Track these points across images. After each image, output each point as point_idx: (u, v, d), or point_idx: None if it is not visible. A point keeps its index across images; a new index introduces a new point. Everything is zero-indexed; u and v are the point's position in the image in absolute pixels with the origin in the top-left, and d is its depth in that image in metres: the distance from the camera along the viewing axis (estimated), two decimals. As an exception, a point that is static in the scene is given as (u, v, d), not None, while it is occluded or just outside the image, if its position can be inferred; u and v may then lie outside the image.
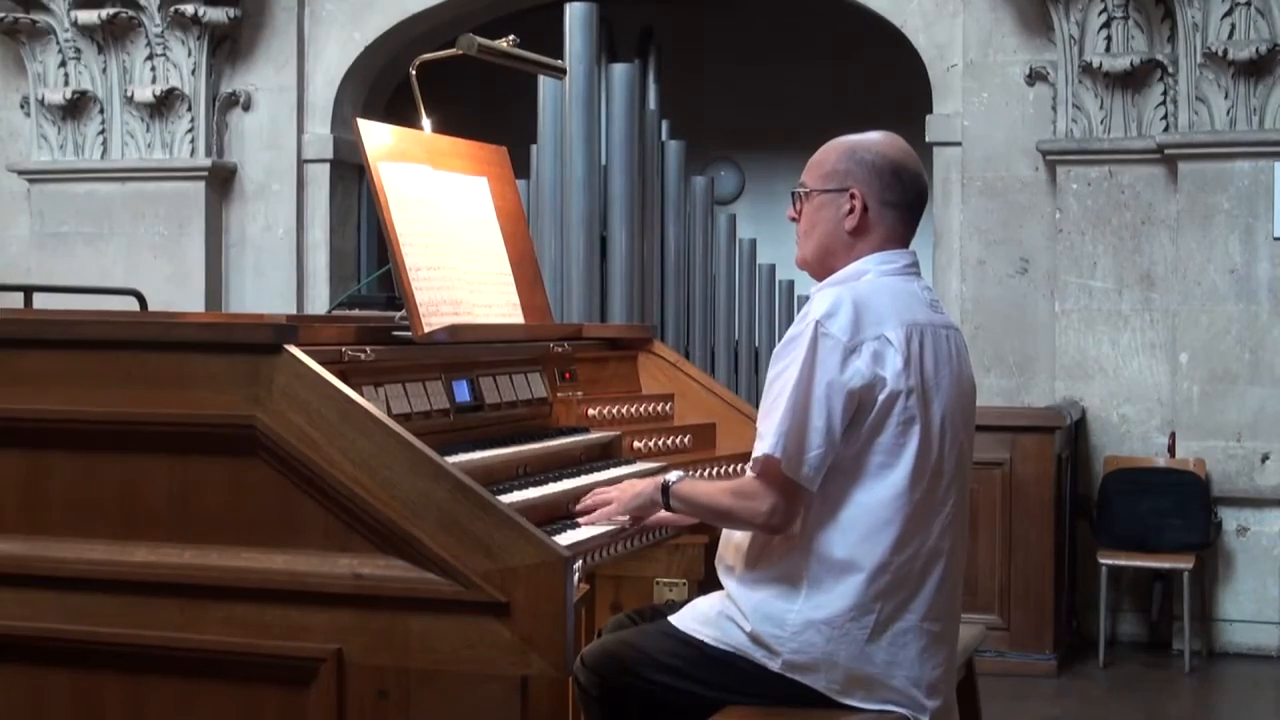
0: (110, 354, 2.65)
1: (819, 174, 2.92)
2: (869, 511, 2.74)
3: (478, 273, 3.42)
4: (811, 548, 2.76)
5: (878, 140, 2.92)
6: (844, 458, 2.74)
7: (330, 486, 2.49)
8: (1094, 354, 7.13)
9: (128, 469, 2.63)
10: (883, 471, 2.75)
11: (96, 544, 2.63)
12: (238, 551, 2.56)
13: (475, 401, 3.24)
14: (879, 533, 2.74)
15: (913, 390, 2.75)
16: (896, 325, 2.77)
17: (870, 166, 2.87)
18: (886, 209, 2.87)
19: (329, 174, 8.32)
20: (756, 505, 2.76)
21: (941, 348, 2.84)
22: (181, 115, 8.22)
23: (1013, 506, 6.41)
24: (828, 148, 2.95)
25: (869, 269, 2.86)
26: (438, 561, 2.43)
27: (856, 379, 2.71)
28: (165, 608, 2.58)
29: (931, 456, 2.78)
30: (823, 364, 2.71)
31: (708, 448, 3.80)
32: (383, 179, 3.17)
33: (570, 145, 7.22)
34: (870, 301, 2.77)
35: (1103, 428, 7.11)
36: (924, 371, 2.78)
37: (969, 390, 2.92)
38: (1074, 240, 7.15)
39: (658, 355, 4.01)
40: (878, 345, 2.74)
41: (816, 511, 2.76)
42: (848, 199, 2.87)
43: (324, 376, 2.53)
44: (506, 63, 3.80)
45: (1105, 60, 7.04)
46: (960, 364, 2.89)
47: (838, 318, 2.73)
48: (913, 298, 2.86)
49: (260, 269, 8.32)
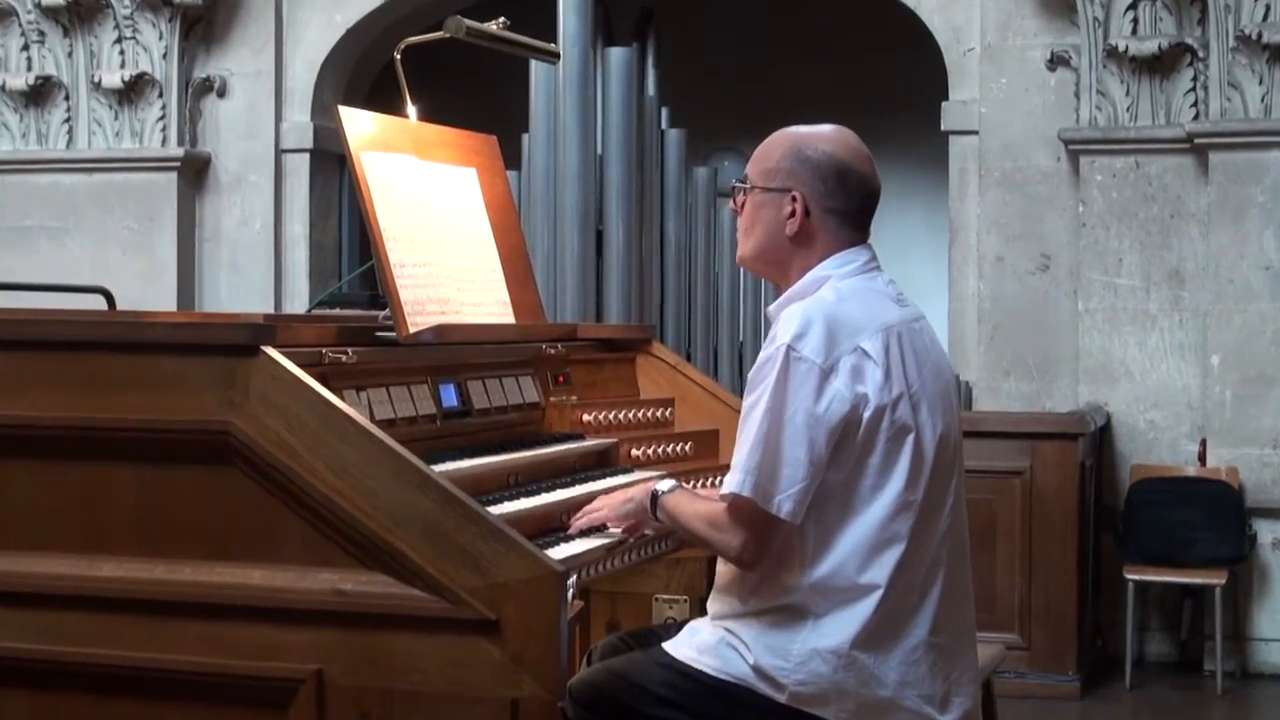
0: (76, 355, 2.65)
1: (761, 169, 2.92)
2: (868, 535, 2.75)
3: (466, 269, 3.42)
4: (811, 584, 2.75)
5: (826, 137, 2.91)
6: (834, 485, 2.74)
7: (310, 497, 2.49)
8: (1119, 356, 7.14)
9: (94, 478, 2.63)
10: (876, 493, 2.75)
11: (60, 558, 2.63)
12: (211, 566, 2.55)
13: (463, 406, 3.24)
14: (881, 553, 2.75)
15: (899, 399, 2.76)
16: (872, 334, 2.77)
17: (814, 168, 2.86)
18: (829, 215, 2.88)
19: (309, 164, 8.32)
20: (727, 539, 2.78)
21: (920, 346, 2.85)
22: (152, 102, 8.22)
23: (1033, 518, 6.41)
24: (773, 141, 2.94)
25: (828, 275, 2.86)
26: (423, 576, 2.43)
27: (837, 406, 2.71)
28: (134, 626, 2.58)
29: (925, 462, 2.79)
30: (797, 391, 2.71)
31: (710, 456, 3.80)
32: (365, 170, 3.17)
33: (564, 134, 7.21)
34: (840, 313, 2.77)
35: (1129, 434, 7.11)
36: (907, 377, 2.79)
37: (950, 380, 2.94)
38: (1098, 235, 7.15)
39: (657, 357, 4.01)
40: (855, 360, 2.74)
41: (813, 541, 2.76)
42: (789, 201, 2.87)
43: (303, 380, 2.53)
44: (496, 46, 3.80)
45: (1131, 44, 7.04)
46: (937, 356, 2.91)
47: (809, 338, 2.73)
48: (880, 297, 2.87)
49: (236, 265, 8.31)
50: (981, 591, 3.03)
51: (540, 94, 7.34)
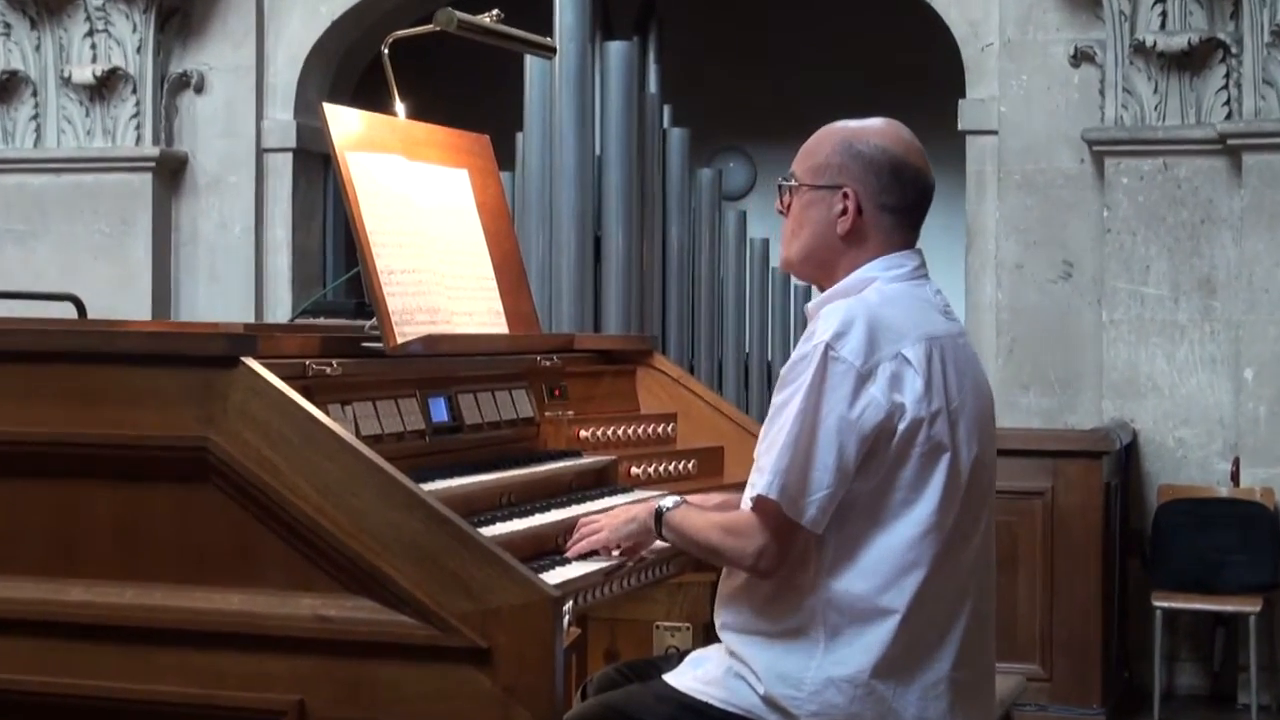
0: (43, 367, 2.64)
1: (809, 166, 2.93)
2: (893, 554, 2.74)
3: (457, 276, 3.43)
4: (828, 596, 2.75)
5: (878, 130, 2.91)
6: (861, 495, 2.73)
7: (291, 517, 2.49)
8: (1147, 369, 7.14)
9: (62, 497, 2.63)
10: (906, 508, 2.74)
11: (25, 582, 2.63)
12: (187, 590, 2.55)
13: (454, 421, 3.24)
14: (904, 576, 2.74)
15: (937, 414, 2.75)
16: (914, 341, 2.77)
17: (867, 162, 2.87)
18: (883, 213, 2.87)
19: (291, 165, 8.32)
20: (744, 545, 2.77)
21: (962, 362, 2.85)
22: (125, 98, 8.22)
23: (1055, 542, 6.40)
24: (821, 136, 2.95)
25: (875, 276, 2.86)
26: (411, 602, 2.43)
27: (872, 413, 2.71)
28: (104, 654, 2.58)
29: (960, 485, 2.78)
30: (832, 393, 2.71)
31: (714, 474, 3.80)
32: (351, 171, 3.18)
33: (560, 133, 7.23)
34: (883, 316, 2.77)
35: (1157, 453, 7.11)
36: (948, 392, 2.78)
37: (988, 402, 2.94)
38: (1124, 241, 7.16)
39: (658, 370, 4.01)
40: (895, 366, 2.74)
41: (832, 555, 2.75)
42: (840, 199, 2.87)
43: (285, 393, 2.53)
44: (489, 40, 3.81)
45: (1160, 39, 7.05)
46: (979, 377, 2.91)
47: (849, 338, 2.72)
48: (926, 306, 2.87)
49: (214, 272, 8.32)
50: (1000, 619, 3.02)
51: (535, 91, 7.35)
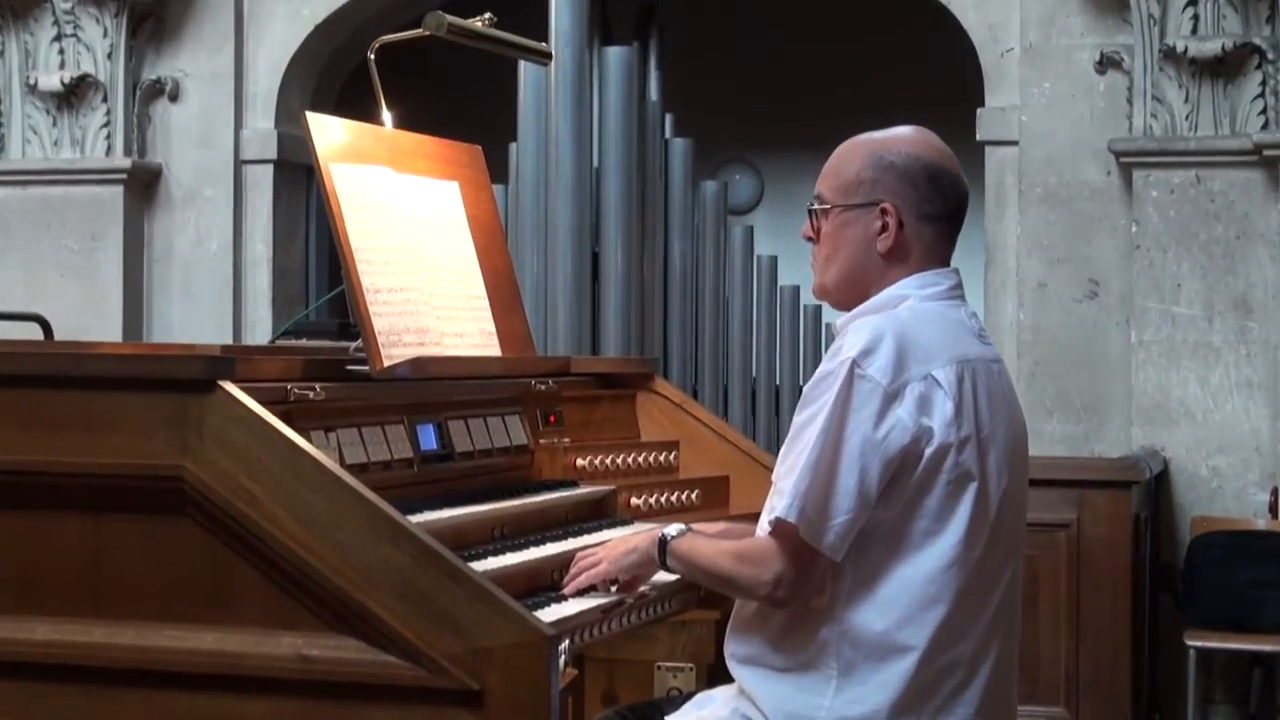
0: (7, 392, 2.65)
1: (838, 185, 2.91)
2: (913, 587, 2.74)
3: (447, 295, 3.43)
4: (844, 630, 2.75)
5: (906, 138, 2.91)
6: (882, 522, 2.73)
7: (271, 551, 2.49)
8: (1178, 394, 7.13)
9: (27, 529, 2.63)
10: (929, 539, 2.74)
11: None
12: (159, 628, 2.55)
13: (443, 449, 3.25)
14: (925, 612, 2.74)
15: (966, 441, 2.75)
16: (945, 363, 2.77)
17: (901, 173, 2.86)
18: (925, 224, 2.87)
19: (272, 177, 8.32)
20: (759, 573, 2.77)
21: (996, 389, 2.84)
22: (95, 107, 8.23)
23: (1080, 577, 6.40)
24: (847, 151, 2.93)
25: (908, 293, 2.86)
26: (398, 641, 2.43)
27: (898, 435, 2.71)
28: (71, 695, 2.57)
29: (988, 519, 2.78)
30: (857, 412, 2.71)
31: (720, 505, 3.81)
32: (336, 183, 3.18)
33: (556, 143, 7.24)
34: (914, 334, 2.77)
35: (1189, 482, 7.10)
36: (979, 418, 2.78)
37: (1022, 434, 2.94)
38: (1154, 258, 7.16)
39: (660, 395, 4.02)
40: (924, 387, 2.74)
41: (849, 586, 2.75)
42: (878, 215, 2.86)
43: (265, 419, 2.53)
44: (481, 45, 3.81)
45: (1192, 44, 7.06)
46: (1013, 406, 2.91)
47: (877, 356, 2.72)
48: (961, 327, 2.87)
49: (189, 290, 8.31)
50: (1023, 659, 3.02)
51: (530, 99, 7.36)
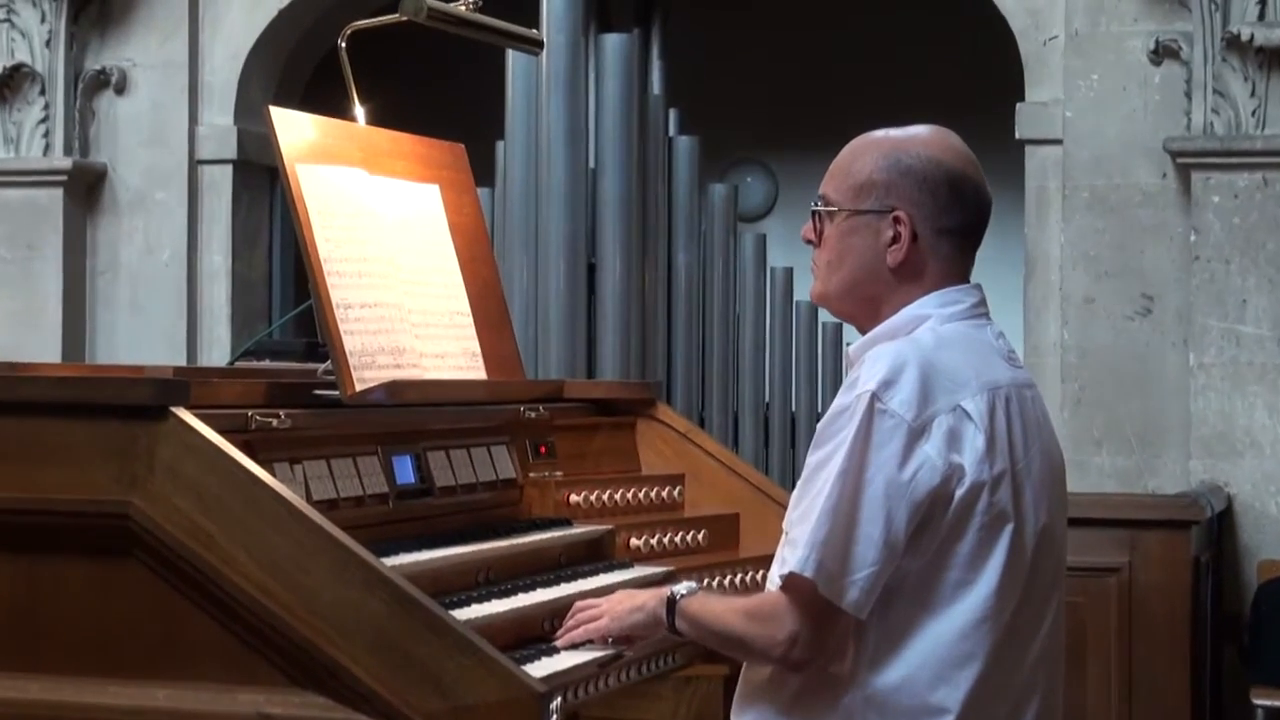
0: (-65, 418, 2.64)
1: (848, 186, 2.90)
2: (944, 644, 2.74)
3: (426, 312, 3.44)
4: (869, 693, 2.74)
5: (925, 139, 2.90)
6: (910, 574, 2.73)
7: (229, 597, 2.49)
8: (1243, 423, 7.13)
9: (-44, 572, 2.62)
10: (962, 590, 2.74)
11: (-88, 673, 2.63)
12: (103, 684, 2.55)
13: (422, 484, 3.25)
14: (958, 670, 2.74)
15: (1000, 478, 2.75)
16: (975, 392, 2.77)
17: (920, 179, 2.86)
18: (941, 238, 2.87)
19: (231, 179, 8.33)
20: (772, 632, 2.76)
21: (1029, 416, 2.85)
22: (32, 100, 8.24)
23: (1133, 628, 6.39)
24: (858, 149, 2.93)
25: (927, 314, 2.86)
26: (370, 698, 2.43)
27: (926, 475, 2.70)
28: (4, 759, 2.57)
29: (1025, 564, 2.78)
30: (879, 451, 2.70)
31: (729, 546, 3.81)
32: (302, 186, 3.19)
33: (548, 142, 7.24)
34: (939, 362, 2.77)
35: (1256, 522, 7.10)
36: (1013, 452, 2.78)
37: (1059, 466, 2.94)
38: (1215, 271, 7.16)
39: (663, 423, 4.03)
40: (953, 421, 2.74)
41: (874, 644, 2.75)
42: (890, 224, 2.86)
43: (223, 450, 2.54)
44: (465, 33, 3.82)
45: (1258, 32, 7.06)
46: (1048, 436, 2.91)
47: (899, 388, 2.72)
48: (988, 350, 2.87)
49: (138, 305, 8.32)
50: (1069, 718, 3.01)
51: (519, 92, 7.37)
